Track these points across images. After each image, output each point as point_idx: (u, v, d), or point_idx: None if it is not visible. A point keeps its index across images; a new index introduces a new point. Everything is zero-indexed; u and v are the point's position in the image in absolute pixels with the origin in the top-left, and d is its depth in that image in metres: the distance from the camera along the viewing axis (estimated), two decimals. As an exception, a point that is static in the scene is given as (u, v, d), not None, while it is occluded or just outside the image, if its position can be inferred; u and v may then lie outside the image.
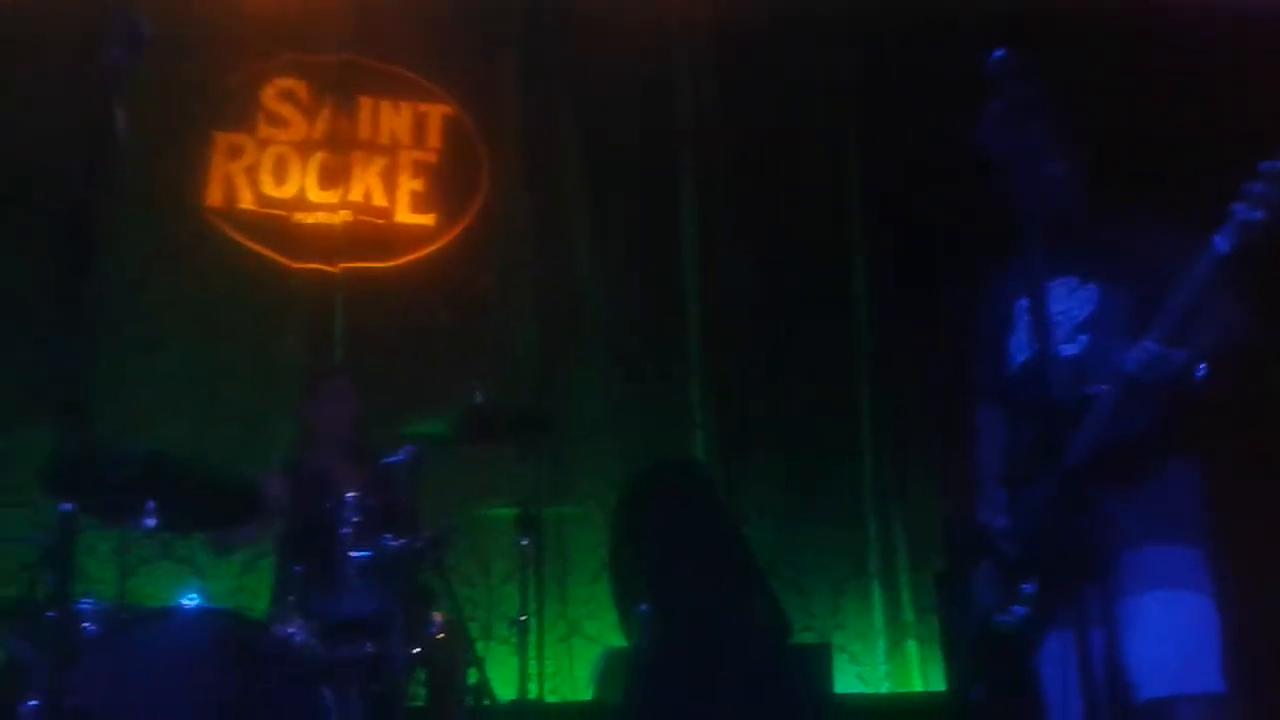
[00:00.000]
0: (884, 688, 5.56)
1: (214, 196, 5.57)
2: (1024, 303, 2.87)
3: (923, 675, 5.59)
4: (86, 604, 3.13)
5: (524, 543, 4.36)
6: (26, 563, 3.77)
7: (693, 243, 5.99)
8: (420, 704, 3.87)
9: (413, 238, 5.76)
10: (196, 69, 5.48)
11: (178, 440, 4.79)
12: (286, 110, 5.76)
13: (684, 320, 5.91)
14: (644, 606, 4.69)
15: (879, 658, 5.63)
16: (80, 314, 3.16)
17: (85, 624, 3.08)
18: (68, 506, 2.80)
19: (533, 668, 4.41)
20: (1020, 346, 2.94)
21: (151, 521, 3.23)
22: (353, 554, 3.67)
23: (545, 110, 6.00)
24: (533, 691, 4.46)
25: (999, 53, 2.46)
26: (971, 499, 3.02)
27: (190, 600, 3.21)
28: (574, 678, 5.26)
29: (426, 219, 5.79)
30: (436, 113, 5.91)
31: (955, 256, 5.21)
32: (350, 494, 3.79)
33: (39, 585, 3.30)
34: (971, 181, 2.72)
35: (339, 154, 5.75)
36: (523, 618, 4.33)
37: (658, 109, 6.10)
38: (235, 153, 5.65)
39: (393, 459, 3.98)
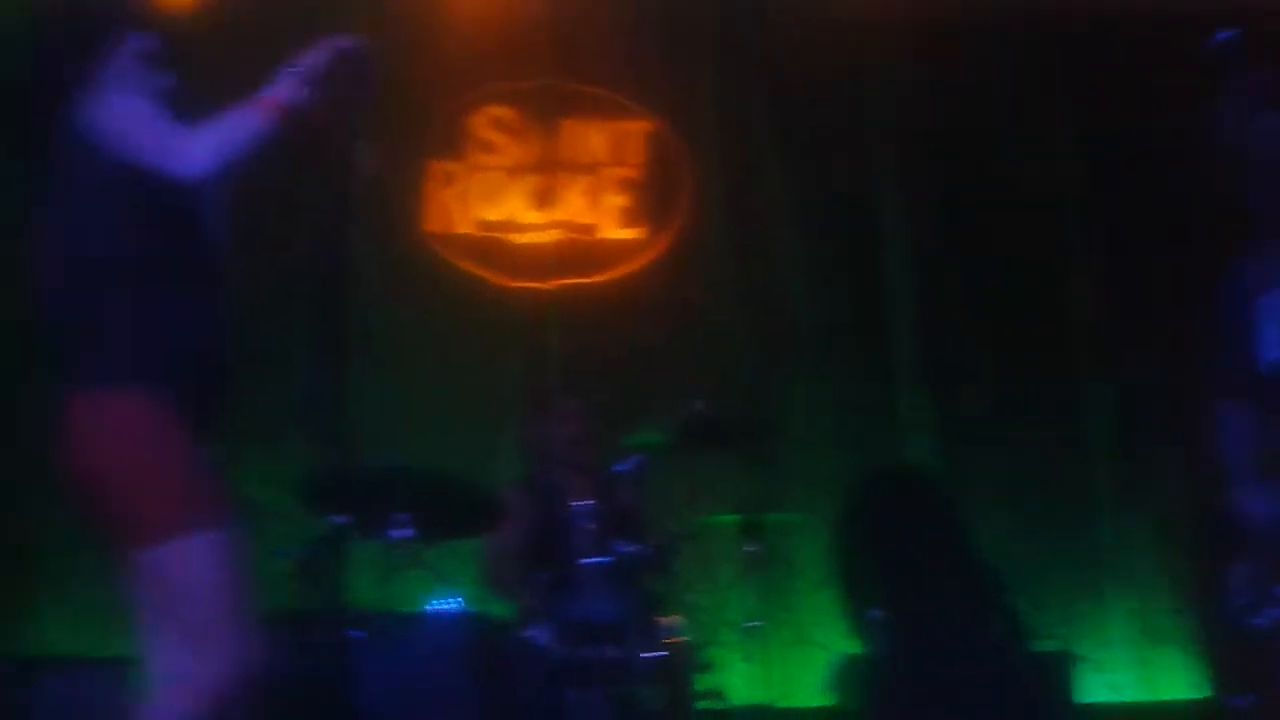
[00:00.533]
0: (1133, 695, 5.35)
1: (433, 222, 5.84)
2: (1267, 299, 2.76)
3: (1175, 681, 5.36)
4: (352, 611, 3.31)
5: (749, 549, 4.41)
6: (286, 573, 3.98)
7: (900, 243, 5.92)
8: (655, 707, 3.95)
9: (621, 252, 5.88)
10: (412, 102, 5.72)
11: (410, 457, 5.01)
12: (495, 136, 5.98)
13: (897, 321, 5.84)
14: (875, 612, 4.66)
15: (1125, 664, 5.42)
16: (331, 338, 3.36)
17: (351, 630, 3.26)
18: (342, 519, 2.99)
19: (762, 674, 4.44)
20: (1270, 343, 2.82)
21: (408, 532, 3.40)
22: (590, 560, 3.80)
23: (744, 118, 6.02)
24: (763, 697, 4.48)
25: (1224, 34, 2.33)
26: (1215, 497, 2.91)
27: (450, 604, 3.36)
28: (803, 684, 5.23)
29: (633, 233, 5.91)
30: (638, 130, 6.01)
31: (1183, 249, 5.00)
32: (583, 502, 3.92)
33: (306, 594, 3.50)
34: (1200, 171, 2.62)
35: (546, 175, 5.94)
36: (752, 624, 4.38)
37: (857, 111, 6.05)
38: (450, 179, 5.90)
39: (621, 468, 4.10)
